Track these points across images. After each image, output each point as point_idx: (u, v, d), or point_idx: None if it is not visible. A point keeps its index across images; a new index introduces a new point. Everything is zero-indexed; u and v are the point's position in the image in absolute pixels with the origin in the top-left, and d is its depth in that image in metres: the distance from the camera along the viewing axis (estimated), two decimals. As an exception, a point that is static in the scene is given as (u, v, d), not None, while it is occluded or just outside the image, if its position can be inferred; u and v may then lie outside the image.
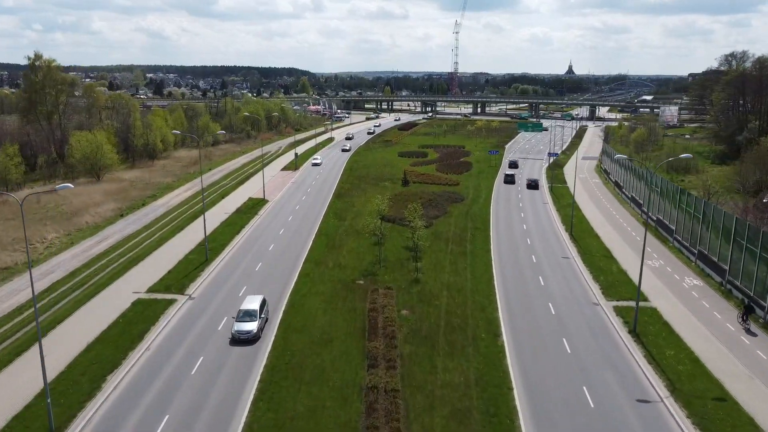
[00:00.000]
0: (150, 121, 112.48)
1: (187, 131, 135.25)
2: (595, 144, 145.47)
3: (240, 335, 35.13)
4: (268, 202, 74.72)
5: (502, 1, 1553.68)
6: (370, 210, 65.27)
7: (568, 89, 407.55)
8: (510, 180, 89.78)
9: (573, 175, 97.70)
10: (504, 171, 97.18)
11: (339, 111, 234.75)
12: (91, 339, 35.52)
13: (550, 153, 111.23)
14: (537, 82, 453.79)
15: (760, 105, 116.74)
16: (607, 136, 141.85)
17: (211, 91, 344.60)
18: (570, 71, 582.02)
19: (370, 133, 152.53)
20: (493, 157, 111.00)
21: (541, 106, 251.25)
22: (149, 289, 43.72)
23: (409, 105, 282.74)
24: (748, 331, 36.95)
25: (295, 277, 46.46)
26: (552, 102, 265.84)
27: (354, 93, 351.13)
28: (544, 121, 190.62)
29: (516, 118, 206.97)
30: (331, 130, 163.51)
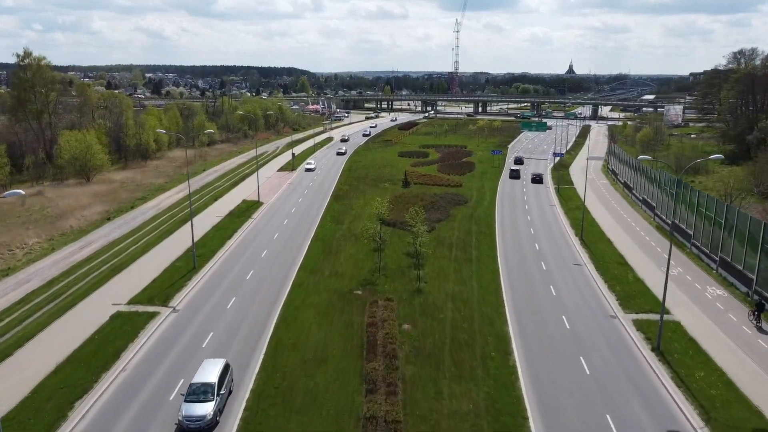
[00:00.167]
0: (143, 121, 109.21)
1: (183, 131, 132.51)
2: (599, 144, 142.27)
3: (189, 423, 25.31)
4: (262, 204, 71.52)
5: (501, 0, 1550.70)
6: (369, 213, 62.29)
7: (569, 89, 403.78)
8: (515, 175, 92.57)
9: (580, 176, 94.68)
10: (509, 167, 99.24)
11: (338, 110, 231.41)
12: (62, 358, 32.33)
13: (555, 153, 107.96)
14: (538, 81, 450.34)
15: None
16: (613, 136, 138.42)
17: (210, 90, 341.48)
18: (570, 71, 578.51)
19: (365, 135, 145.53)
20: (496, 157, 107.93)
21: (544, 105, 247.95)
22: (130, 301, 40.52)
23: (409, 104, 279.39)
24: (760, 330, 35.83)
25: (288, 287, 43.25)
26: (555, 101, 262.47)
27: (354, 92, 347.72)
28: (547, 120, 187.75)
29: (519, 118, 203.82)
30: (329, 129, 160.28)
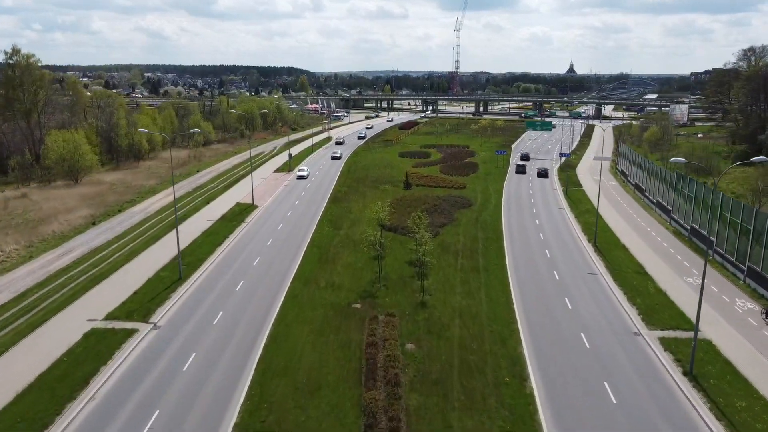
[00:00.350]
0: (136, 120, 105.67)
1: (178, 130, 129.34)
2: (605, 144, 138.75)
3: None
4: (257, 207, 68.07)
5: (501, 0, 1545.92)
6: (369, 217, 58.88)
7: (570, 88, 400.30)
8: (521, 170, 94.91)
9: (588, 177, 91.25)
10: (516, 162, 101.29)
11: (338, 110, 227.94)
12: (25, 385, 28.88)
13: (561, 153, 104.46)
14: (538, 80, 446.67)
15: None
16: (623, 136, 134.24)
17: (209, 90, 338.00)
18: (571, 70, 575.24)
19: (360, 137, 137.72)
20: (500, 158, 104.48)
21: (548, 105, 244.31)
22: (108, 316, 37.04)
23: (409, 104, 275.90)
24: None
25: (281, 300, 39.77)
26: (558, 100, 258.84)
27: (353, 92, 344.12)
28: (551, 119, 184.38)
29: (524, 117, 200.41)
30: (328, 129, 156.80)
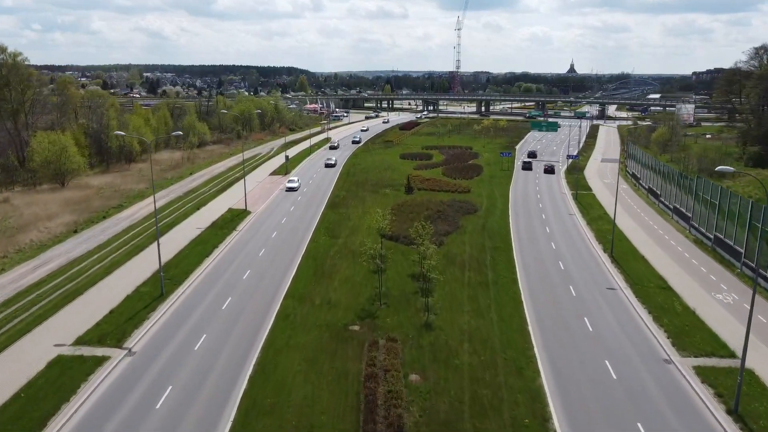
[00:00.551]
0: (127, 121, 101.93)
1: (173, 131, 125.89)
2: (611, 144, 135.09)
3: None
4: (250, 213, 64.35)
5: (501, 0, 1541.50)
6: (368, 224, 55.27)
7: (571, 88, 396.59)
8: (528, 167, 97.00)
9: (597, 180, 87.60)
10: (522, 159, 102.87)
11: (337, 110, 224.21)
12: (-28, 427, 25.26)
13: (568, 155, 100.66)
14: (539, 80, 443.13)
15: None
16: (632, 137, 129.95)
17: (207, 90, 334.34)
18: (572, 70, 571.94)
19: (355, 141, 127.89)
20: (505, 160, 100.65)
21: (551, 105, 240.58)
22: (78, 340, 33.31)
23: (410, 104, 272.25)
24: None
25: (271, 321, 36.05)
26: (560, 100, 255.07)
27: (353, 92, 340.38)
28: (556, 120, 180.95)
29: (528, 117, 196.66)
30: (327, 130, 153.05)
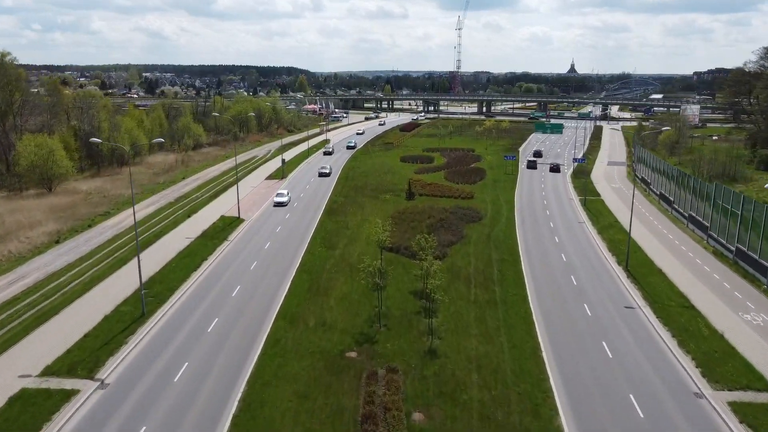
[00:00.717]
0: (119, 123, 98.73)
1: (167, 133, 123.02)
2: (616, 147, 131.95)
3: None
4: (243, 221, 61.19)
5: (501, 0, 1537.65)
6: (367, 234, 52.20)
7: (572, 88, 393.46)
8: (532, 165, 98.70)
9: (605, 184, 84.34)
10: (527, 158, 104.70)
11: (337, 110, 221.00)
12: None
13: (574, 159, 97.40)
14: (540, 80, 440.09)
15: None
16: (640, 139, 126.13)
17: (206, 90, 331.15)
18: (572, 70, 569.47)
19: (350, 147, 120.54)
20: (509, 163, 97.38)
21: (553, 105, 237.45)
22: (45, 371, 30.14)
23: (410, 104, 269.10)
24: None
25: (260, 347, 32.88)
26: (563, 101, 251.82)
27: (353, 92, 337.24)
28: (560, 121, 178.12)
29: (531, 118, 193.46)
30: (326, 131, 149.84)
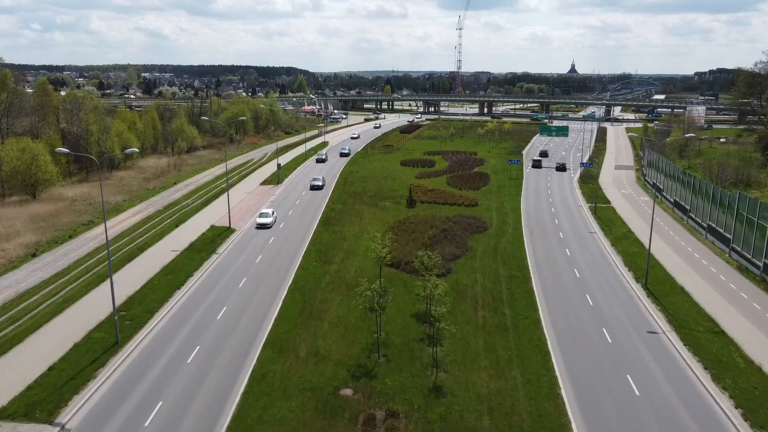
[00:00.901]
0: (109, 125, 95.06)
1: (161, 135, 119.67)
2: (622, 149, 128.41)
3: None
4: (234, 231, 57.69)
5: (501, 0, 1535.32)
6: (366, 247, 48.71)
7: (573, 88, 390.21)
8: (537, 165, 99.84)
9: (614, 190, 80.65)
10: (533, 157, 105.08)
11: (336, 111, 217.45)
12: None
13: (582, 163, 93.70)
14: (541, 80, 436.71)
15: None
16: (650, 143, 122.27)
17: (204, 90, 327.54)
18: (573, 70, 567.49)
19: (344, 154, 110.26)
20: (514, 167, 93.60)
21: (555, 106, 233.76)
22: (0, 413, 26.69)
23: (410, 105, 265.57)
24: None
25: (244, 383, 29.34)
26: (566, 102, 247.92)
27: (353, 92, 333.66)
28: (564, 122, 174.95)
29: (533, 120, 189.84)
30: (325, 133, 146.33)
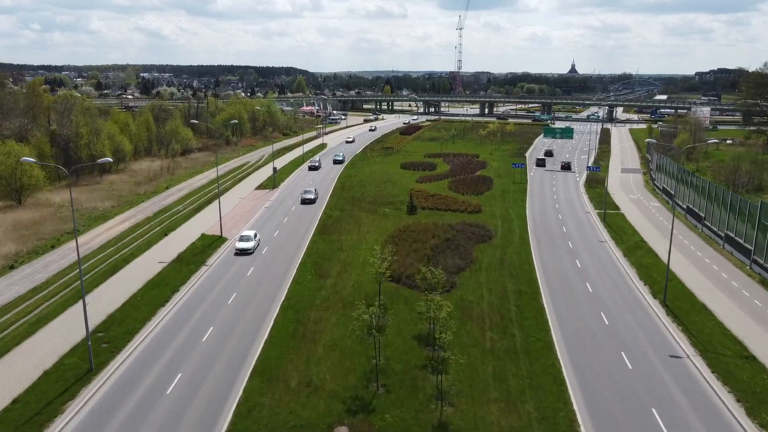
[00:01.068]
0: (100, 128, 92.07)
1: (155, 137, 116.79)
2: (627, 151, 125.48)
3: None
4: (225, 241, 54.75)
5: (501, 0, 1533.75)
6: (364, 259, 45.83)
7: (574, 88, 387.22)
8: (541, 163, 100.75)
9: (622, 194, 77.65)
10: (536, 156, 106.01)
11: (335, 112, 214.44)
12: None
13: (588, 166, 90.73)
14: (541, 80, 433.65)
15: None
16: (660, 147, 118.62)
17: (203, 90, 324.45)
18: (573, 70, 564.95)
19: (337, 161, 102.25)
20: (518, 171, 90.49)
21: (557, 107, 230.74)
22: (-50, 457, 23.83)
23: (410, 105, 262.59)
24: None
25: (228, 419, 26.33)
26: (568, 102, 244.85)
27: (352, 92, 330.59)
28: (567, 123, 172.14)
29: (535, 121, 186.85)
30: (323, 134, 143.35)
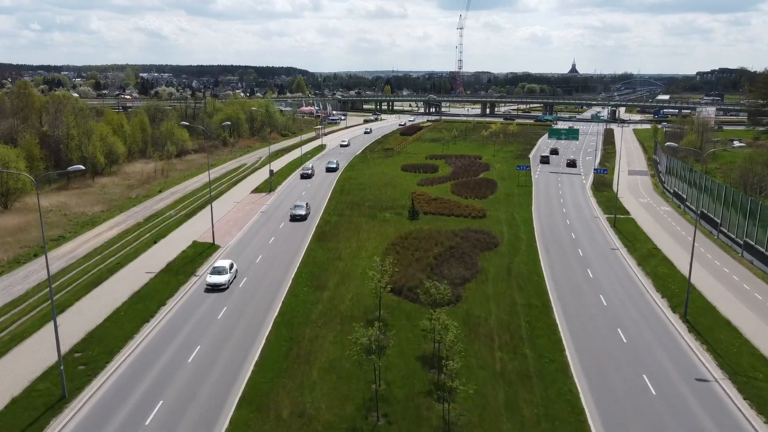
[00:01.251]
0: (92, 129, 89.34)
1: (150, 139, 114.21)
2: (633, 152, 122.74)
3: None
4: (218, 249, 52.10)
5: (501, 0, 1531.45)
6: (363, 269, 43.19)
7: (575, 88, 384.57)
8: (545, 161, 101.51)
9: (631, 198, 74.85)
10: (540, 154, 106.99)
11: (334, 112, 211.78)
12: None
13: (595, 169, 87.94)
14: (542, 80, 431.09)
15: None
16: (667, 148, 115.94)
17: (202, 90, 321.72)
18: (573, 70, 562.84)
19: (331, 168, 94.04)
20: (522, 174, 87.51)
21: (560, 107, 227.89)
22: None
23: (411, 105, 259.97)
24: None
25: (211, 457, 23.87)
26: (570, 102, 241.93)
27: (352, 92, 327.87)
28: (570, 123, 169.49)
29: (537, 121, 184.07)
30: (322, 135, 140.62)
